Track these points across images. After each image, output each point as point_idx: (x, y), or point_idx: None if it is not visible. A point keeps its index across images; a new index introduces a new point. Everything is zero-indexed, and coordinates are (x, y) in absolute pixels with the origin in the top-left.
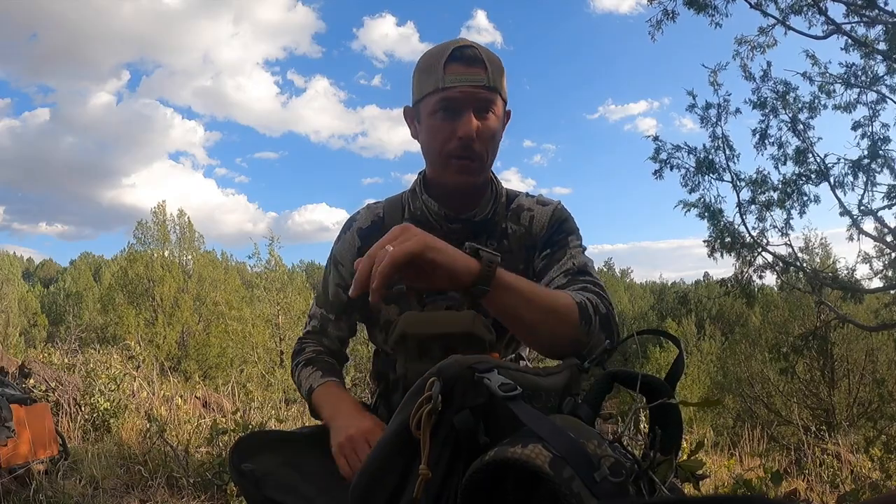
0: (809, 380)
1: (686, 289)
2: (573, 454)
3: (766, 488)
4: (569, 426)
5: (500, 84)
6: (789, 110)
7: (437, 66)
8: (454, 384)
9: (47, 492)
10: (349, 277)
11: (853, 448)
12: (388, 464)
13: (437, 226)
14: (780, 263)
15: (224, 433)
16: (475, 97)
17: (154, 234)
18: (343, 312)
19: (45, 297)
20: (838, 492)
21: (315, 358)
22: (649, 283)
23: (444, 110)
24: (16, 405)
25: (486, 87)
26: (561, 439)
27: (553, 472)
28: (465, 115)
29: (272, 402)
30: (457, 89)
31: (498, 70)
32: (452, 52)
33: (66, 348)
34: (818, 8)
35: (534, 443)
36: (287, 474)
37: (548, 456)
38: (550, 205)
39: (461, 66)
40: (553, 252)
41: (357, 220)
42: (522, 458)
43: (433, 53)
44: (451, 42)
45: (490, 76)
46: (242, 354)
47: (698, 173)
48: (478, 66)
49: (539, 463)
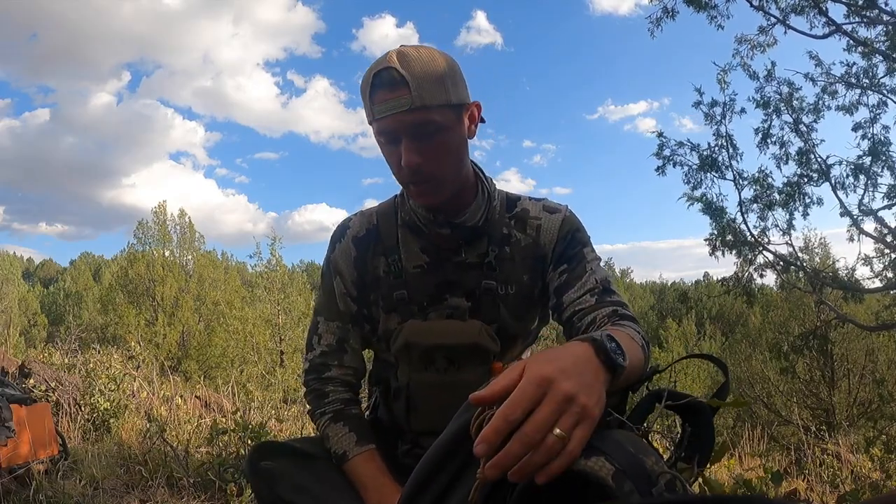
0: (809, 380)
1: (686, 288)
2: (633, 468)
3: (766, 488)
4: (628, 441)
5: (434, 97)
6: (793, 112)
7: (366, 95)
8: None
9: (47, 492)
10: (352, 287)
11: (853, 448)
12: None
13: (426, 231)
14: (780, 263)
15: (224, 433)
16: (405, 123)
17: (154, 233)
18: (356, 323)
19: (45, 297)
20: (838, 492)
21: (344, 411)
22: (649, 283)
23: (384, 139)
24: (16, 405)
25: (413, 108)
26: (623, 453)
27: (615, 485)
28: (402, 144)
29: (272, 402)
30: (385, 120)
31: (431, 81)
32: (373, 78)
33: (66, 348)
34: (818, 8)
35: (597, 455)
36: (302, 476)
37: (611, 469)
38: (559, 212)
39: (385, 92)
40: (572, 268)
41: (351, 228)
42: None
43: (364, 79)
44: (375, 64)
45: (416, 95)
46: (243, 354)
47: (701, 171)
48: (400, 88)
49: (603, 475)
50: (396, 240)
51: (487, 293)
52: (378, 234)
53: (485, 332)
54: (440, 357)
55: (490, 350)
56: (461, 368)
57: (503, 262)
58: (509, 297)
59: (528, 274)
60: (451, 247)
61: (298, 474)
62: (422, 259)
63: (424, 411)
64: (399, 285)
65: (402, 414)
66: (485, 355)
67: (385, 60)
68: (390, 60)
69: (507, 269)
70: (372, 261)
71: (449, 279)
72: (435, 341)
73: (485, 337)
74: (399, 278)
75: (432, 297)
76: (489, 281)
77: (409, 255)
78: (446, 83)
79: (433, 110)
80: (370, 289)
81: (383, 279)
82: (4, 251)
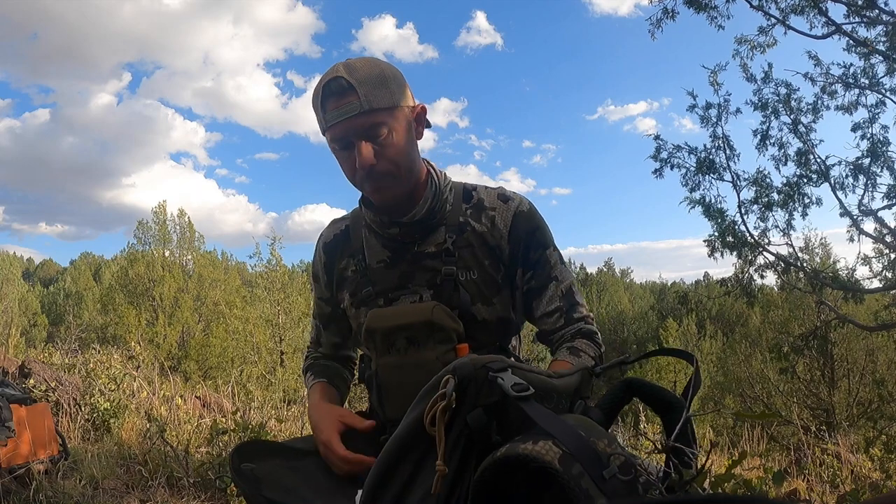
0: (809, 380)
1: (686, 289)
2: (582, 451)
3: (767, 488)
4: (580, 425)
5: (380, 100)
6: (791, 113)
7: (318, 107)
8: (468, 383)
9: (47, 492)
10: (326, 290)
11: (853, 448)
12: (402, 457)
13: (380, 232)
14: (780, 263)
15: (224, 433)
16: (356, 126)
17: (154, 233)
18: (331, 321)
19: (45, 297)
20: (838, 492)
21: (312, 364)
22: (649, 283)
23: (338, 145)
24: (16, 405)
25: (362, 112)
26: (571, 437)
27: (562, 469)
28: (356, 147)
29: (272, 402)
30: (338, 126)
31: (377, 84)
32: (324, 88)
33: (66, 348)
34: (818, 9)
35: (545, 440)
36: (287, 476)
37: (557, 452)
38: (512, 201)
39: (335, 100)
40: (538, 274)
41: (323, 237)
42: (532, 455)
43: (315, 92)
44: (324, 76)
45: (364, 99)
46: (243, 354)
47: (699, 173)
48: (349, 94)
49: (549, 459)
50: (362, 241)
51: (448, 279)
52: (348, 238)
53: (440, 310)
54: (400, 338)
55: (448, 328)
56: (421, 347)
57: (462, 249)
58: (471, 282)
59: (488, 259)
60: (409, 240)
61: (285, 476)
62: (384, 254)
63: (393, 397)
64: (365, 282)
65: (377, 403)
66: (444, 334)
67: (333, 71)
68: (337, 71)
69: (468, 256)
70: (340, 263)
71: (410, 269)
72: (393, 323)
73: (440, 314)
74: (364, 276)
75: (396, 288)
76: (449, 267)
77: (371, 252)
78: (391, 87)
79: (381, 112)
80: (339, 289)
81: (350, 278)
82: (4, 251)
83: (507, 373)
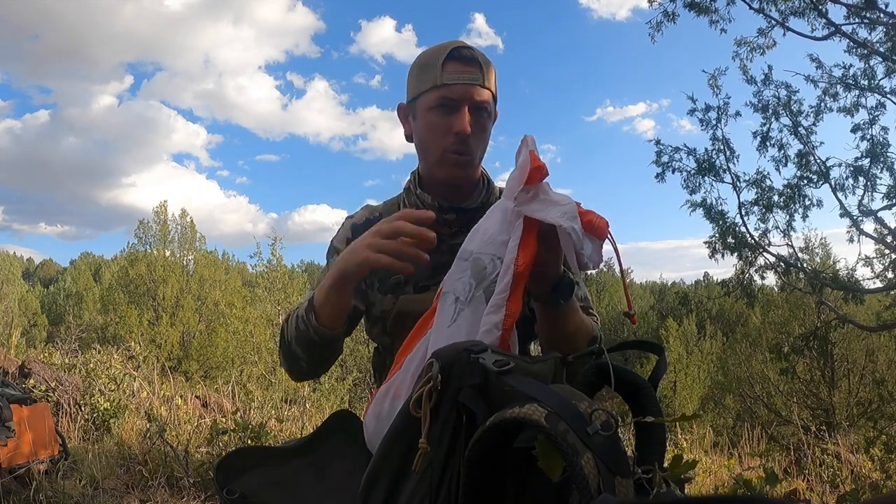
0: (809, 380)
1: (686, 289)
2: (566, 410)
3: (767, 488)
4: (562, 390)
5: (493, 84)
6: (791, 115)
7: (435, 64)
8: (451, 365)
9: (47, 492)
10: None
11: (853, 448)
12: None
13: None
14: (781, 264)
15: (224, 433)
16: (471, 95)
17: (155, 233)
18: None
19: (45, 297)
20: (838, 492)
21: None
22: (649, 283)
23: (441, 107)
24: (16, 405)
25: (482, 85)
26: (554, 398)
27: (549, 426)
28: (462, 112)
29: (272, 402)
30: (455, 86)
31: (491, 71)
32: (451, 51)
33: (67, 348)
34: (818, 10)
35: (530, 403)
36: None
37: (543, 412)
38: None
39: (459, 64)
40: None
41: (353, 218)
42: (520, 416)
43: (431, 52)
44: (450, 42)
45: (485, 76)
46: (243, 354)
47: (699, 175)
48: (474, 65)
49: (535, 418)
50: None
51: None
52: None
53: None
54: None
55: None
56: None
57: None
58: None
59: None
60: (448, 231)
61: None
62: None
63: None
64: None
65: None
66: None
67: (460, 41)
68: (463, 43)
69: None
70: None
71: (444, 261)
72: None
73: None
74: None
75: (428, 277)
76: None
77: None
78: (495, 78)
79: (491, 95)
80: None
81: None
82: (4, 251)
83: (488, 352)
